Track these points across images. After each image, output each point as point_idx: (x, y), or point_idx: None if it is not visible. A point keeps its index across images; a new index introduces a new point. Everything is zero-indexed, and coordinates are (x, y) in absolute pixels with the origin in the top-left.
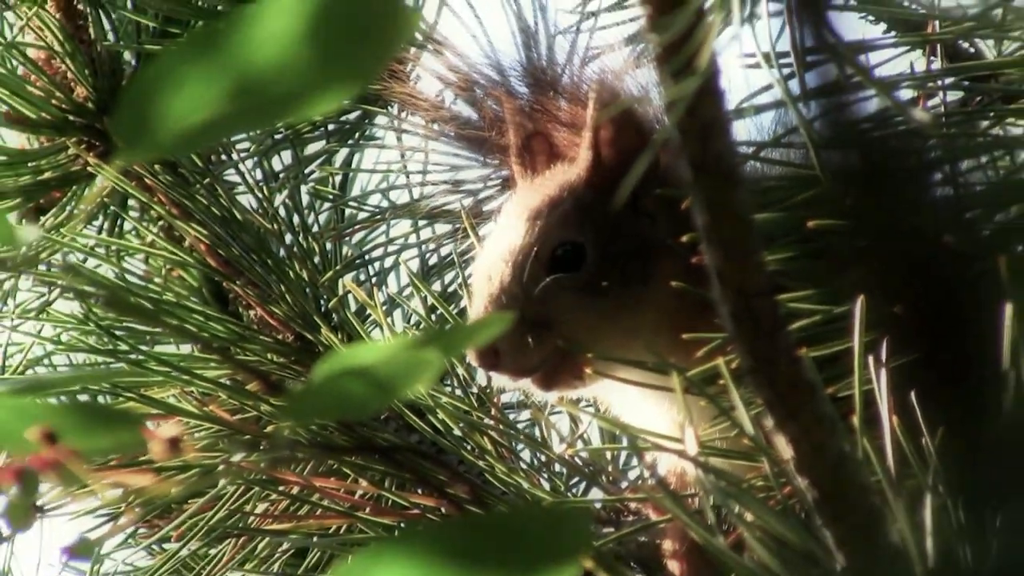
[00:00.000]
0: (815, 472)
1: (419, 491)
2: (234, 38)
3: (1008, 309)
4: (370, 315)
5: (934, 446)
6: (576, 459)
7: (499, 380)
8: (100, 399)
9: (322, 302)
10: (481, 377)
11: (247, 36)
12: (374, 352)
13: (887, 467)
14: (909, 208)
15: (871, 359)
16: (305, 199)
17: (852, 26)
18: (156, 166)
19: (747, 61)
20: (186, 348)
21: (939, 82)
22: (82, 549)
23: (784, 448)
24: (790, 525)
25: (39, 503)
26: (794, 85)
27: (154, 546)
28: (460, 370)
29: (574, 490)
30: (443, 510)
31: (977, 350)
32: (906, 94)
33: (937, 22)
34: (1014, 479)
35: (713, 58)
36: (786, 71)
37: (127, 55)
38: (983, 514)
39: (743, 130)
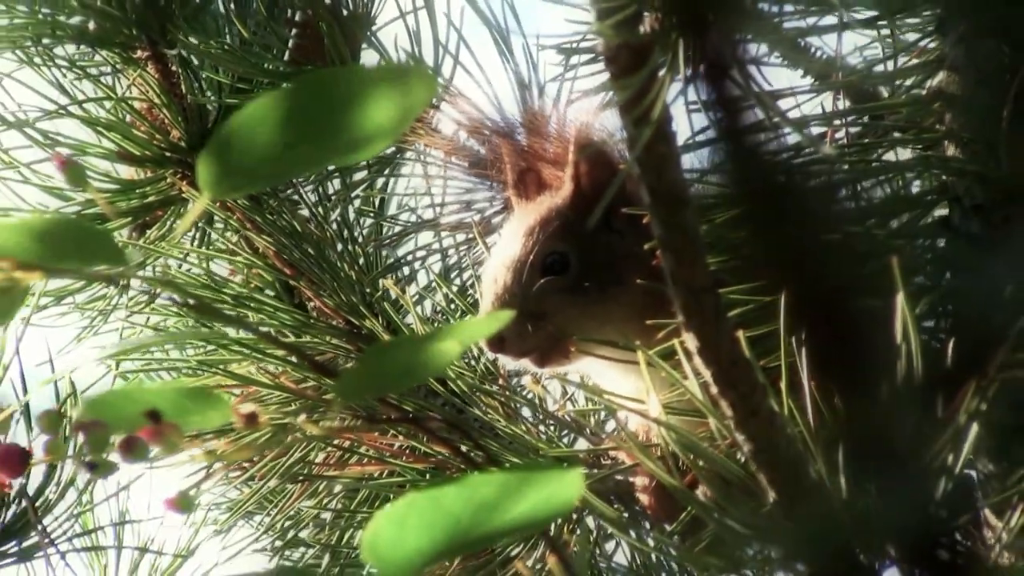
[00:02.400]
0: (750, 428)
1: (443, 443)
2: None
3: (899, 296)
4: (403, 306)
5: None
6: (566, 417)
7: (504, 360)
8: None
9: (366, 296)
10: (490, 355)
11: (305, 103)
12: (406, 343)
13: (807, 421)
14: (816, 219)
15: (793, 339)
16: (352, 216)
17: (778, 74)
18: None
19: (692, 107)
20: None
21: (844, 119)
22: (182, 502)
23: (726, 409)
24: (731, 469)
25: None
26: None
27: (242, 485)
28: (474, 349)
29: (564, 441)
30: (461, 458)
31: (875, 329)
32: (817, 129)
33: (841, 72)
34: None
35: (665, 107)
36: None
37: (210, 106)
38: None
39: (688, 162)
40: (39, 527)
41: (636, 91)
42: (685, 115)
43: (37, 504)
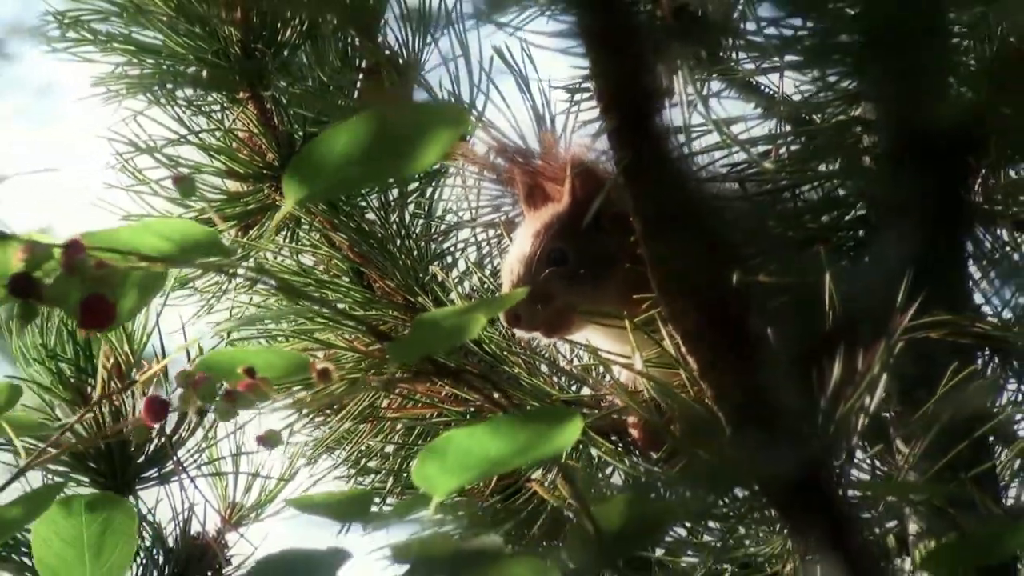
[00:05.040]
0: (712, 377)
1: (478, 391)
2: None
3: (827, 277)
4: (447, 286)
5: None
6: (573, 371)
7: (520, 332)
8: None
9: (419, 279)
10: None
11: (367, 132)
12: (445, 314)
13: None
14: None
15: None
16: (407, 217)
17: (733, 106)
18: None
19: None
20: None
21: (785, 139)
22: (270, 438)
23: (692, 364)
24: (698, 410)
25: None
26: None
27: (325, 426)
28: (500, 319)
29: (572, 389)
30: (492, 403)
31: (807, 302)
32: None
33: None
34: None
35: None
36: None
37: (296, 135)
38: None
39: None
40: (174, 457)
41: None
42: None
43: (173, 440)
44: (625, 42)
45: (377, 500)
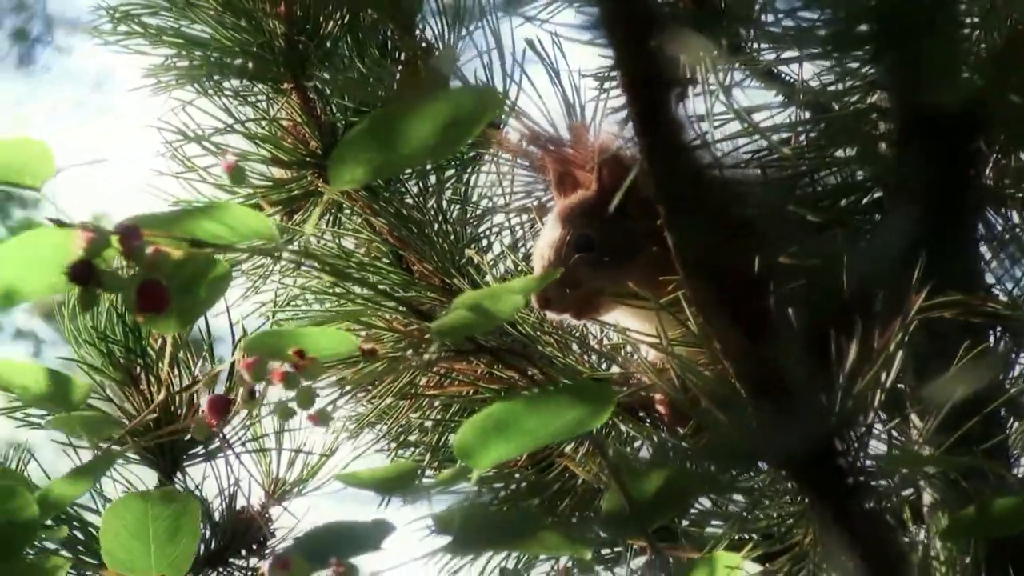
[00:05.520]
0: (734, 355)
1: (514, 369)
2: (392, 126)
3: (843, 258)
4: (482, 269)
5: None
6: (603, 349)
7: (551, 314)
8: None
9: (455, 262)
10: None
11: (403, 119)
12: (483, 294)
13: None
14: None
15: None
16: (444, 203)
17: (755, 95)
18: None
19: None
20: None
21: (804, 127)
22: (321, 416)
23: (716, 343)
24: (720, 384)
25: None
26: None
27: (367, 402)
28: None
29: (602, 367)
30: (527, 380)
31: (824, 283)
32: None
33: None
34: None
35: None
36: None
37: (338, 124)
38: None
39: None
40: (220, 435)
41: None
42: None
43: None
44: (643, 34)
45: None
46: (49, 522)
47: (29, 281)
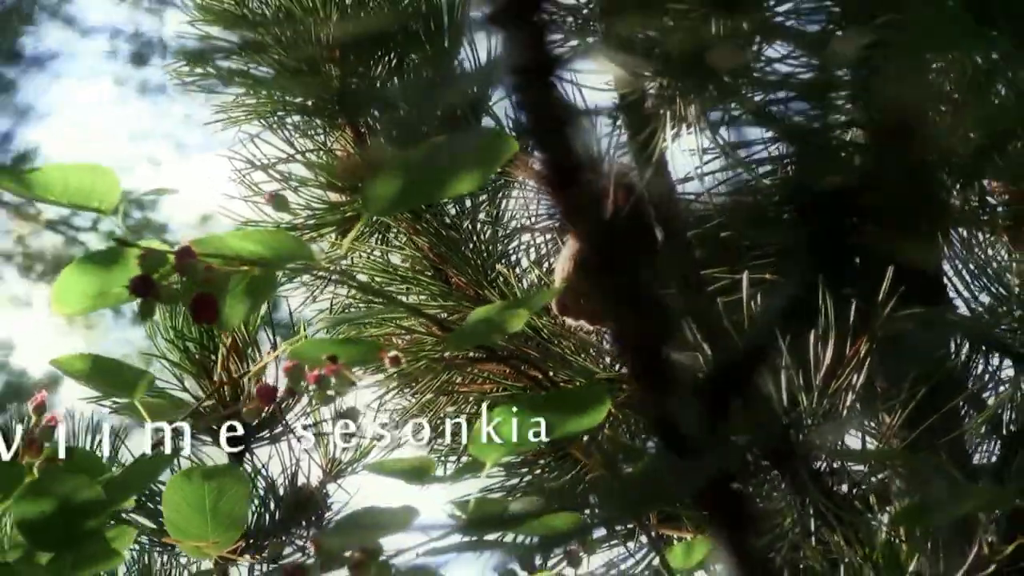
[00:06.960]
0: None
1: (536, 368)
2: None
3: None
4: (511, 282)
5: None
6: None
7: (568, 320)
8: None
9: (487, 275)
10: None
11: (434, 154)
12: (495, 309)
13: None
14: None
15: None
16: (478, 224)
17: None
18: None
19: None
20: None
21: (787, 159)
22: (350, 414)
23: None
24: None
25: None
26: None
27: (410, 397)
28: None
29: (615, 368)
30: (547, 379)
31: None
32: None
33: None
34: None
35: (662, 153)
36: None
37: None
38: None
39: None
40: (283, 421)
41: (640, 142)
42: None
43: (282, 406)
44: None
45: (453, 459)
46: None
47: (103, 291)
